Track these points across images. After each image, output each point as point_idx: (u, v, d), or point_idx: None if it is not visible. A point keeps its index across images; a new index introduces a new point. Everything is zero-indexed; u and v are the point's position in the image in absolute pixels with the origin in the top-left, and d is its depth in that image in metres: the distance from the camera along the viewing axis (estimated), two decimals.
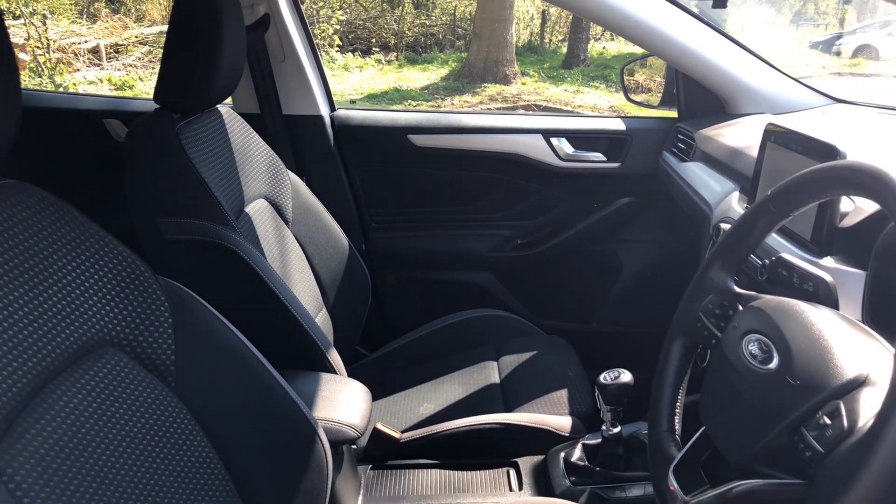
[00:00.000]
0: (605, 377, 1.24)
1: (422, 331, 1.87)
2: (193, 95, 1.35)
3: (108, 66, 9.27)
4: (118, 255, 0.89)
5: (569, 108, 8.35)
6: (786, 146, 1.17)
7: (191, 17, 1.30)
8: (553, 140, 2.00)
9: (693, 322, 0.93)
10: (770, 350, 0.77)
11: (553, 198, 2.09)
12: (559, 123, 2.03)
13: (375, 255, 2.11)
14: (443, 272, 2.14)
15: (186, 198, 1.30)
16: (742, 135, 1.58)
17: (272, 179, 1.60)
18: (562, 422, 1.44)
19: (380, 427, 1.43)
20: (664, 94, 2.06)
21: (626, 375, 1.23)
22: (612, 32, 2.77)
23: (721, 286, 0.92)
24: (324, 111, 1.99)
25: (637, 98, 2.28)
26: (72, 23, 9.79)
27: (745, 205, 1.35)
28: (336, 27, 10.83)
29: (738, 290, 0.91)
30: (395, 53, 11.90)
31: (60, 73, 7.89)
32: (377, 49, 11.77)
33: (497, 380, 1.65)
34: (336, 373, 1.37)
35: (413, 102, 8.75)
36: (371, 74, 10.33)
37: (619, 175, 2.01)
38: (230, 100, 2.00)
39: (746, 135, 1.54)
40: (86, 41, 9.51)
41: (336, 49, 10.74)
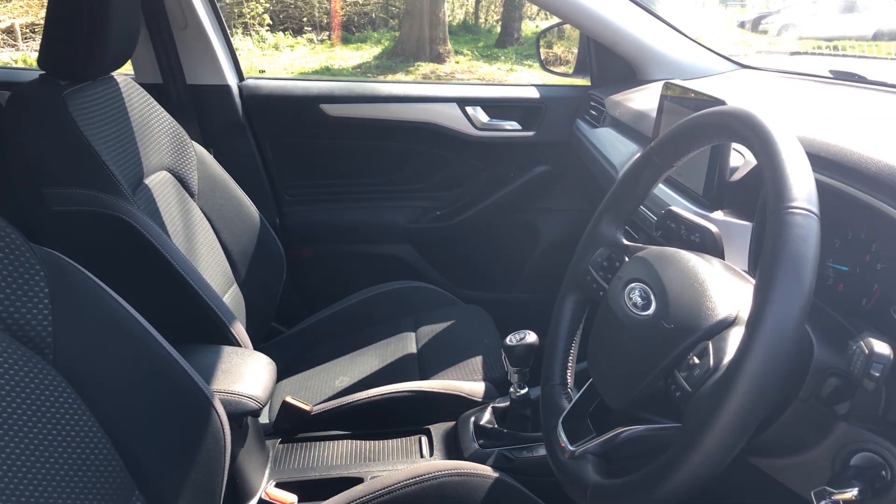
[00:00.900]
0: (511, 339, 1.24)
1: (340, 305, 1.85)
2: (81, 61, 1.28)
3: (25, 47, 8.85)
4: None
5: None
6: (680, 104, 1.19)
7: None
8: (468, 109, 1.99)
9: (583, 276, 0.94)
10: (649, 297, 0.77)
11: (470, 167, 2.08)
12: (474, 92, 2.02)
13: (290, 229, 2.07)
14: (361, 245, 2.12)
15: (75, 167, 1.24)
16: (648, 99, 1.59)
17: (175, 151, 1.54)
18: (474, 387, 1.44)
19: (289, 400, 1.40)
20: (577, 63, 2.07)
21: (532, 336, 1.23)
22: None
23: (610, 239, 0.93)
24: (231, 81, 1.93)
25: (556, 69, 2.29)
26: None
27: None
28: (266, 5, 10.58)
29: (626, 243, 0.92)
30: (327, 33, 11.70)
31: None
32: (309, 28, 11.55)
33: (414, 350, 1.64)
34: (240, 346, 1.34)
35: None
36: (303, 54, 10.14)
37: (535, 143, 2.01)
38: (131, 70, 1.91)
39: (652, 99, 1.55)
40: None
41: (266, 28, 10.49)
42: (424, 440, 1.37)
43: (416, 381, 1.45)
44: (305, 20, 11.73)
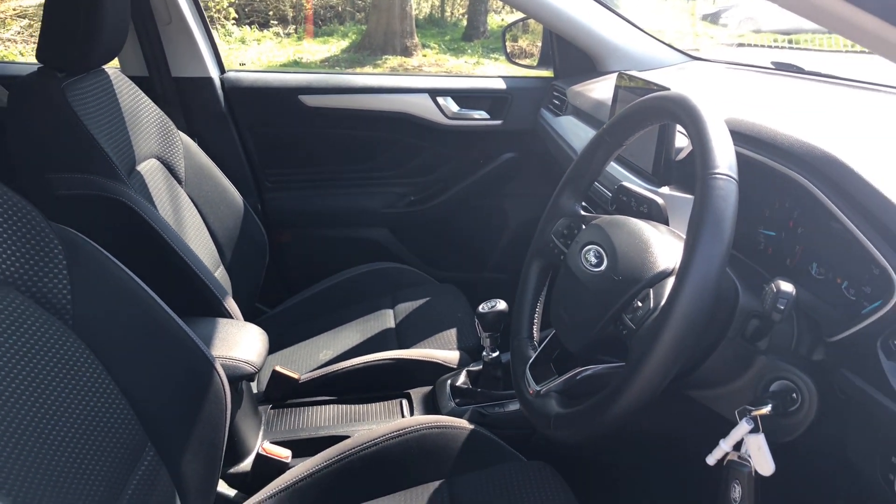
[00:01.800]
0: (483, 307, 1.36)
1: (320, 286, 1.95)
2: (77, 54, 1.36)
3: None
4: (9, 202, 0.93)
5: None
6: (633, 93, 1.32)
7: None
8: (440, 99, 2.10)
9: (546, 243, 1.06)
10: (602, 256, 0.90)
11: (441, 155, 2.20)
12: (445, 83, 2.13)
13: (272, 214, 2.16)
14: (339, 229, 2.23)
15: (76, 153, 1.33)
16: (606, 89, 1.72)
17: (163, 140, 1.63)
18: (449, 355, 1.56)
19: (279, 369, 1.51)
20: (541, 56, 2.20)
21: (502, 304, 1.36)
22: None
23: (569, 210, 1.06)
24: (213, 73, 2.02)
25: (521, 62, 2.42)
26: None
27: None
28: None
29: (584, 213, 1.05)
30: (294, 26, 11.68)
31: None
32: (275, 22, 11.51)
33: (392, 325, 1.76)
34: (232, 319, 1.44)
35: None
36: (270, 48, 10.11)
37: (502, 132, 2.14)
38: (118, 64, 1.99)
39: (610, 88, 1.68)
40: None
41: (232, 22, 10.44)
42: (405, 402, 1.49)
43: (396, 350, 1.57)
44: (272, 14, 11.70)
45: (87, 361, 0.98)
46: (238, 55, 9.39)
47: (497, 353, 1.40)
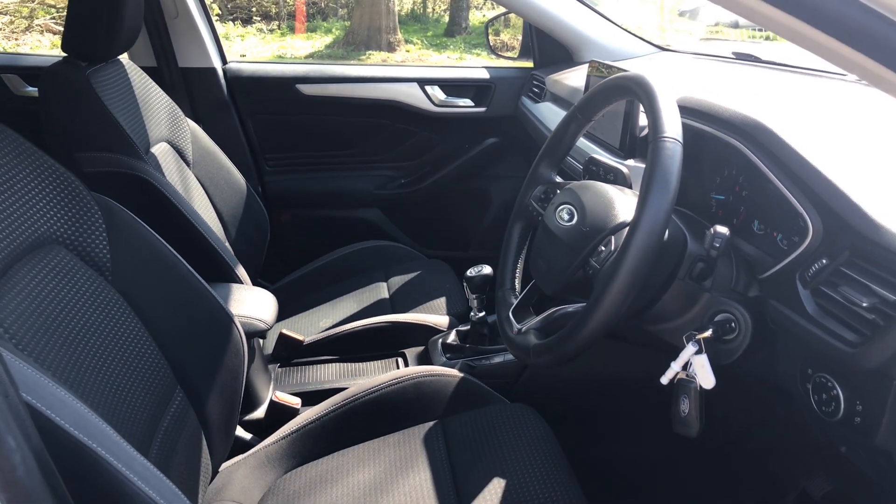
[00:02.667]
0: (471, 271, 1.52)
1: (317, 262, 2.10)
2: (100, 44, 1.50)
3: None
4: (56, 171, 1.07)
5: None
6: (602, 79, 1.48)
7: None
8: (427, 88, 2.26)
9: (526, 207, 1.22)
10: (573, 213, 1.06)
11: (430, 140, 2.35)
12: (432, 73, 2.29)
13: (271, 196, 2.31)
14: (334, 210, 2.38)
15: (101, 134, 1.47)
16: (581, 77, 1.88)
17: (173, 125, 1.77)
18: (440, 319, 1.72)
19: (285, 332, 1.66)
20: (522, 47, 2.35)
21: (487, 269, 1.52)
22: None
23: (546, 178, 1.22)
24: (216, 64, 2.16)
25: (503, 54, 2.59)
26: None
27: None
28: None
29: (558, 180, 1.20)
30: (278, 22, 11.76)
31: None
32: (258, 18, 11.59)
33: (386, 295, 1.91)
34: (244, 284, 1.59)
35: None
36: (253, 43, 10.19)
37: (486, 118, 2.30)
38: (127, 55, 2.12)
39: (584, 76, 1.85)
40: None
41: (215, 18, 10.48)
42: (401, 360, 1.65)
43: (391, 315, 1.73)
44: (255, 10, 11.77)
45: (125, 313, 1.12)
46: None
47: (483, 314, 1.56)
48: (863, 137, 1.07)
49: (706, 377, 0.94)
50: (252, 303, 1.44)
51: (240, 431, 1.44)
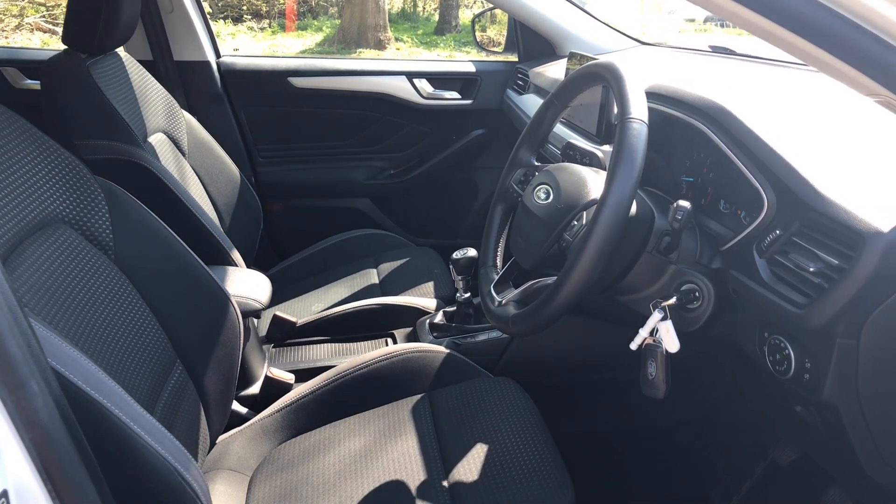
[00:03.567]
0: (457, 254, 1.59)
1: (309, 251, 2.17)
2: (99, 37, 1.56)
3: None
4: (61, 155, 1.14)
5: None
6: None
7: None
8: (415, 81, 2.33)
9: (507, 189, 1.29)
10: (549, 192, 1.13)
11: (418, 132, 2.42)
12: (420, 67, 2.36)
13: (264, 186, 2.38)
14: (325, 199, 2.45)
15: (101, 123, 1.53)
16: (563, 69, 1.96)
17: (169, 116, 1.83)
18: (428, 302, 1.79)
19: (279, 313, 1.72)
20: (507, 42, 2.43)
21: (472, 251, 1.59)
22: None
23: (526, 162, 1.29)
24: (210, 57, 2.23)
25: (490, 49, 2.66)
26: None
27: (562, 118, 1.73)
28: None
29: (537, 164, 1.28)
30: (268, 21, 11.79)
31: None
32: (249, 16, 11.62)
33: (376, 281, 1.98)
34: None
35: None
36: (244, 42, 10.23)
37: (472, 110, 2.37)
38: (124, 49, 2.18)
39: (565, 69, 1.92)
40: None
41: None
42: (390, 340, 1.72)
43: (381, 297, 1.79)
44: (245, 8, 11.80)
45: (127, 289, 1.18)
46: None
47: (468, 295, 1.63)
48: (818, 121, 1.15)
49: (671, 342, 1.02)
50: (247, 283, 1.50)
51: (236, 406, 1.50)
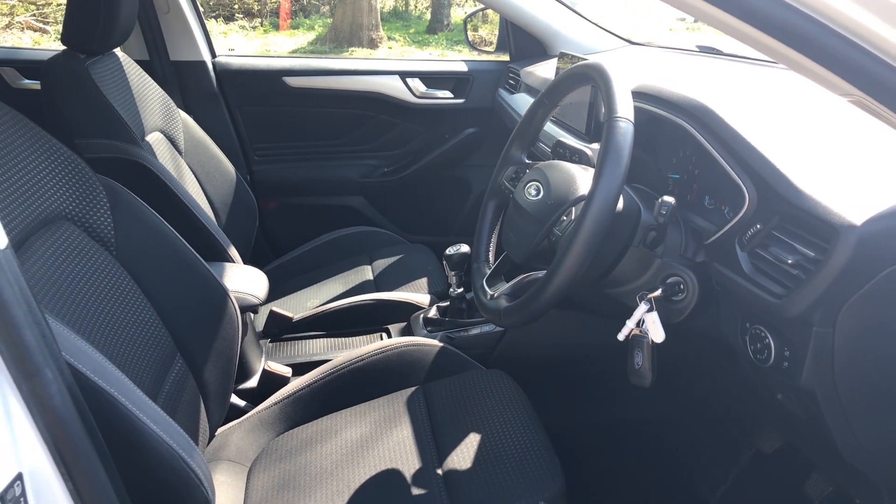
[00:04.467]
0: (450, 250, 1.63)
1: (304, 248, 2.20)
2: (98, 38, 1.59)
3: None
4: (64, 154, 1.17)
5: None
6: None
7: None
8: (409, 80, 2.37)
9: (499, 186, 1.33)
10: (540, 189, 1.17)
11: (411, 130, 2.46)
12: (413, 66, 2.39)
13: (259, 184, 2.41)
14: (320, 197, 2.48)
15: (100, 122, 1.56)
16: (554, 69, 2.00)
17: (166, 115, 1.86)
18: (422, 298, 1.82)
19: (275, 309, 1.76)
20: (498, 42, 2.47)
21: (465, 247, 1.62)
22: None
23: (517, 160, 1.32)
24: (206, 57, 2.26)
25: (481, 48, 2.69)
26: None
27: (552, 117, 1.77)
28: None
29: (527, 161, 1.31)
30: (260, 20, 11.79)
31: None
32: (241, 15, 11.62)
33: (371, 277, 2.01)
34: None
35: None
36: (236, 40, 10.23)
37: (465, 109, 2.41)
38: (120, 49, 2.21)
39: (556, 68, 1.96)
40: None
41: None
42: (384, 335, 1.75)
43: (376, 293, 1.83)
44: (237, 7, 11.79)
45: (129, 285, 1.21)
46: None
47: (462, 290, 1.66)
48: (798, 119, 1.19)
49: (657, 332, 1.06)
50: (245, 279, 1.53)
51: (234, 399, 1.53)
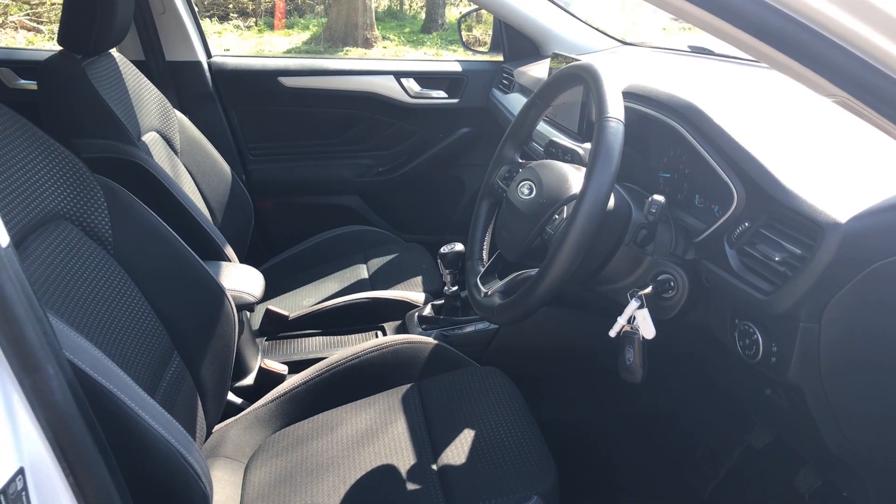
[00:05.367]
0: (444, 248, 1.64)
1: (299, 247, 2.22)
2: (94, 38, 1.60)
3: None
4: (61, 154, 1.18)
5: None
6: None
7: None
8: (403, 80, 2.38)
9: (493, 185, 1.35)
10: (532, 188, 1.18)
11: (406, 130, 2.48)
12: (407, 66, 2.41)
13: (255, 184, 2.42)
14: (315, 196, 2.50)
15: (97, 122, 1.57)
16: (547, 69, 2.01)
17: (162, 115, 1.87)
18: (417, 296, 1.84)
19: (271, 308, 1.77)
20: (492, 42, 2.49)
21: (459, 246, 1.64)
22: None
23: (510, 159, 1.34)
24: (202, 57, 2.27)
25: (475, 48, 2.72)
26: None
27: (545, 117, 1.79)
28: None
29: (521, 160, 1.33)
30: (255, 19, 11.79)
31: None
32: (235, 15, 11.62)
33: (366, 276, 2.03)
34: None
35: None
36: (231, 40, 10.23)
37: (459, 109, 2.43)
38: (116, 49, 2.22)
39: (549, 68, 1.98)
40: None
41: None
42: (380, 333, 1.77)
43: (371, 292, 1.84)
44: (231, 7, 11.78)
45: (126, 283, 1.22)
46: None
47: (456, 288, 1.68)
48: (786, 119, 1.21)
49: (648, 329, 1.07)
50: (241, 278, 1.55)
51: (231, 396, 1.55)
